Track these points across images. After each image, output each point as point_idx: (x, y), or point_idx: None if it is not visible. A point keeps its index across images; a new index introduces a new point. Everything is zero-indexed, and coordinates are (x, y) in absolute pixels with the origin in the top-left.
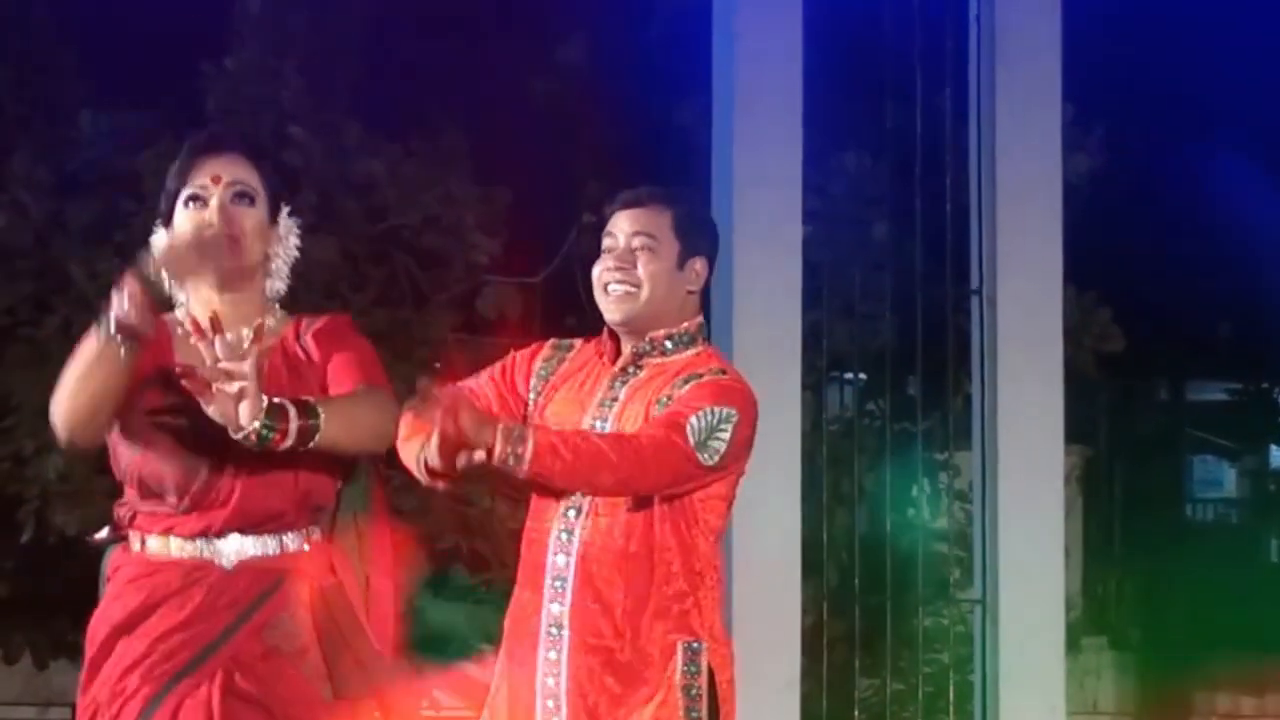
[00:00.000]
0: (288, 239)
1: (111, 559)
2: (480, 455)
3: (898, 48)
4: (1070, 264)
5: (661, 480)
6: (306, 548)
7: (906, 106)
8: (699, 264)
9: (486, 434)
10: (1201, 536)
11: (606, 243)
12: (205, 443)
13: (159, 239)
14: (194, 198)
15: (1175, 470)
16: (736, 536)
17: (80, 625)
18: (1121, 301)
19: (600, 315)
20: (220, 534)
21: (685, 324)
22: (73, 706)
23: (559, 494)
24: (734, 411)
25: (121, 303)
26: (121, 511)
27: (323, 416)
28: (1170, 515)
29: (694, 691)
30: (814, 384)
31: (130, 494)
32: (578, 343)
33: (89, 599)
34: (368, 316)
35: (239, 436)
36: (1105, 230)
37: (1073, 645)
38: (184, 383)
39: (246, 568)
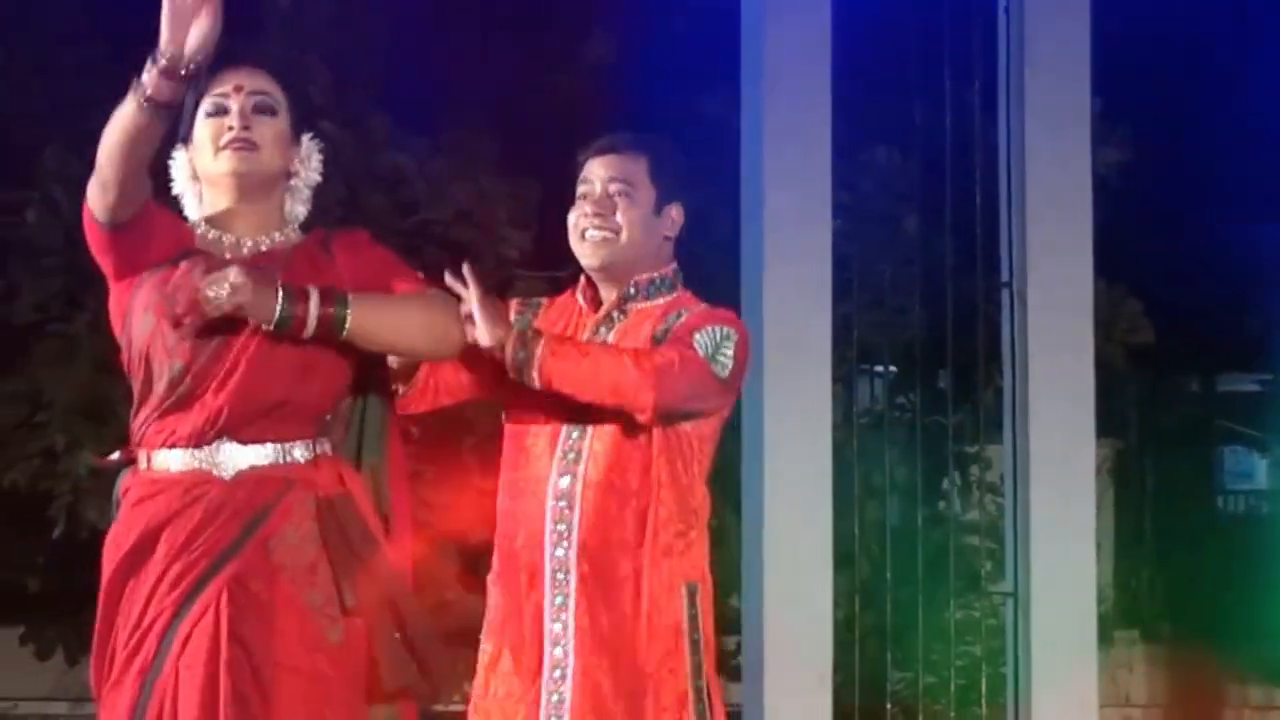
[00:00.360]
0: (309, 159)
1: (122, 481)
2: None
3: (926, 41)
4: (1100, 257)
5: (680, 391)
6: (311, 458)
7: (935, 100)
8: (675, 210)
9: (498, 333)
10: (1233, 528)
11: (582, 189)
12: (208, 328)
13: (179, 158)
14: (216, 108)
15: (1206, 462)
16: (768, 529)
17: None
18: (1151, 294)
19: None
20: (217, 436)
21: (664, 269)
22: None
23: (549, 436)
24: (732, 330)
25: (152, 81)
26: (134, 427)
27: (352, 307)
28: (1201, 507)
29: (695, 636)
30: (844, 377)
31: (137, 393)
32: (544, 300)
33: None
34: None
35: (258, 319)
36: (1135, 223)
37: (1104, 638)
38: (178, 296)
39: (247, 479)
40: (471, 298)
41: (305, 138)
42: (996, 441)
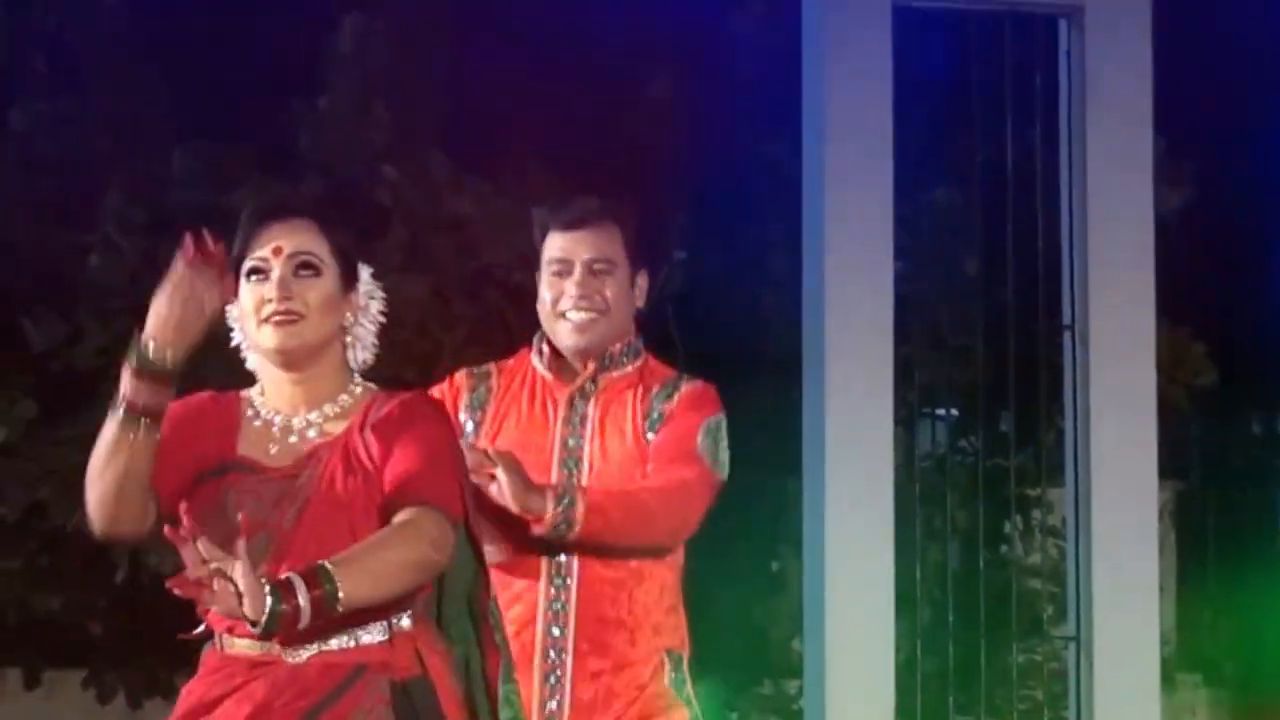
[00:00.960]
0: (369, 305)
1: (204, 657)
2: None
3: (988, 82)
4: (1163, 298)
5: (700, 515)
6: (387, 638)
7: (997, 141)
8: (642, 279)
9: (535, 501)
10: None
11: (556, 267)
12: (263, 533)
13: (234, 313)
14: (255, 270)
15: (1270, 504)
16: (829, 573)
17: (173, 664)
18: (1214, 336)
19: (690, 350)
20: None
21: (630, 337)
22: None
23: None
24: (721, 418)
25: (127, 382)
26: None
27: (338, 580)
28: (1265, 549)
29: (685, 696)
30: (906, 419)
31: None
32: (492, 367)
33: (179, 640)
34: (460, 355)
35: (254, 630)
36: (1198, 264)
37: (1167, 681)
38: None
39: (317, 662)
40: (500, 467)
41: (364, 277)
42: (1058, 484)
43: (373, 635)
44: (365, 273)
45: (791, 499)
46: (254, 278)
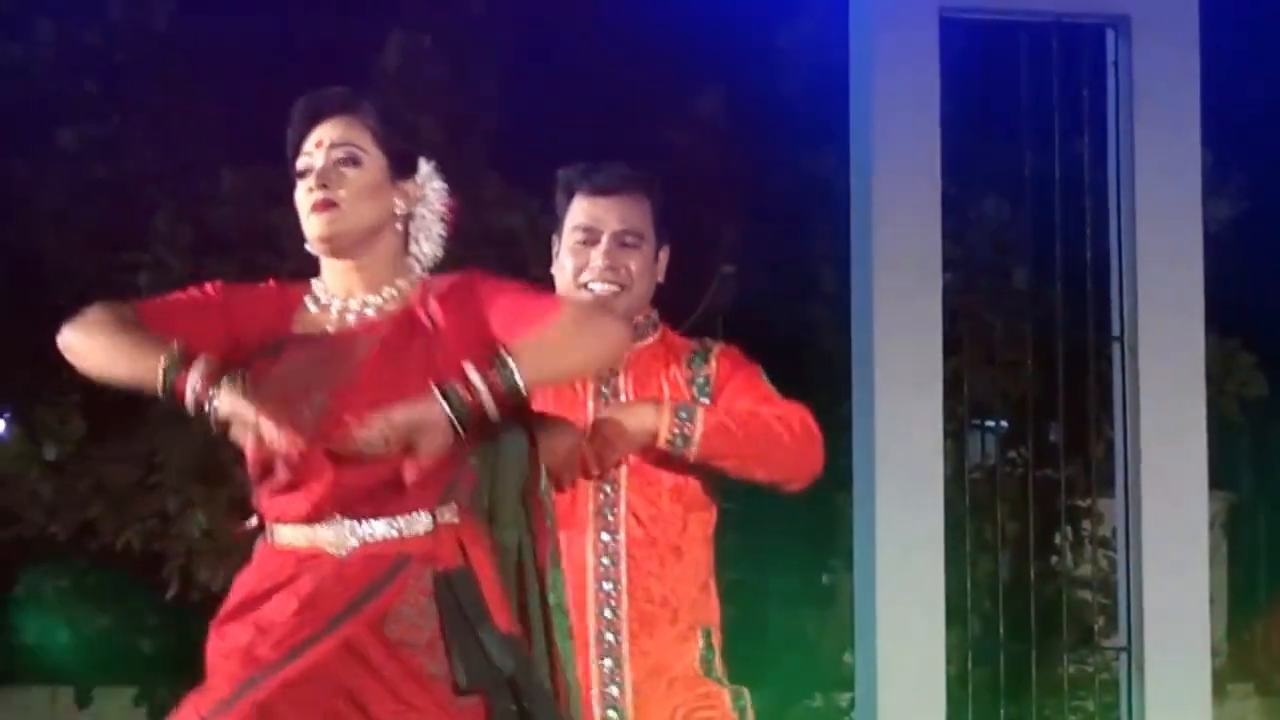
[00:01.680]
0: (429, 195)
1: (256, 550)
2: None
3: (1035, 94)
4: (1212, 310)
5: (822, 449)
6: (432, 528)
7: (1045, 153)
8: (664, 253)
9: (648, 416)
10: None
11: (582, 235)
12: (318, 394)
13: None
14: (303, 168)
15: None
16: (880, 586)
17: None
18: (1265, 347)
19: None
20: (329, 514)
21: (649, 309)
22: None
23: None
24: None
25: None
26: (256, 497)
27: (514, 363)
28: None
29: (715, 674)
30: (955, 431)
31: (252, 474)
32: None
33: None
34: None
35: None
36: (1247, 276)
37: (1219, 692)
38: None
39: (360, 554)
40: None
41: (423, 170)
42: (1108, 495)
43: (416, 527)
44: (427, 166)
45: (842, 512)
46: (301, 175)
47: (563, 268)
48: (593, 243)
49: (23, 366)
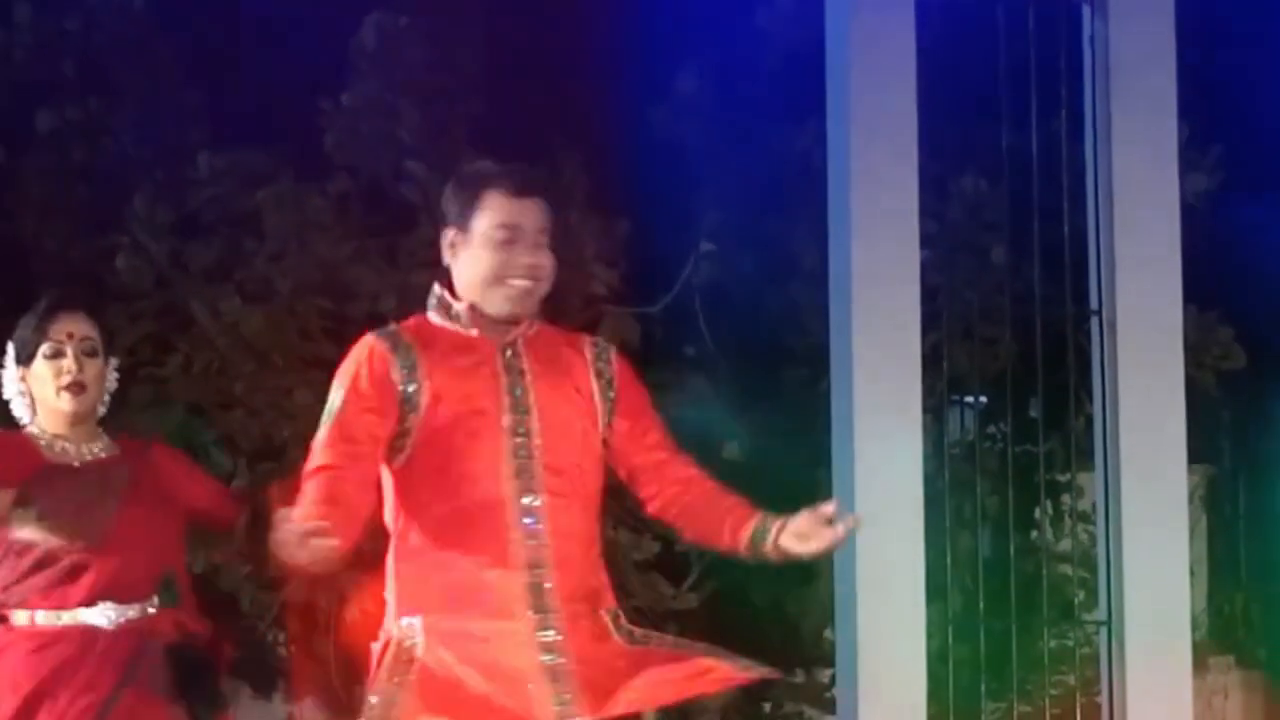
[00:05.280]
0: (110, 374)
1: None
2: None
3: (1012, 70)
4: (1190, 283)
5: None
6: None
7: (1022, 129)
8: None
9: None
10: None
11: (504, 234)
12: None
13: (11, 372)
14: (54, 351)
15: None
16: (860, 562)
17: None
18: (1242, 320)
19: (719, 342)
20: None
21: None
22: None
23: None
24: None
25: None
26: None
27: None
28: None
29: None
30: (934, 407)
31: (18, 574)
32: (396, 328)
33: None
34: None
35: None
36: (1224, 249)
37: (1199, 665)
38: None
39: (125, 630)
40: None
41: (109, 356)
42: (1088, 469)
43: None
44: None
45: (821, 488)
46: (52, 356)
47: (476, 260)
48: (514, 241)
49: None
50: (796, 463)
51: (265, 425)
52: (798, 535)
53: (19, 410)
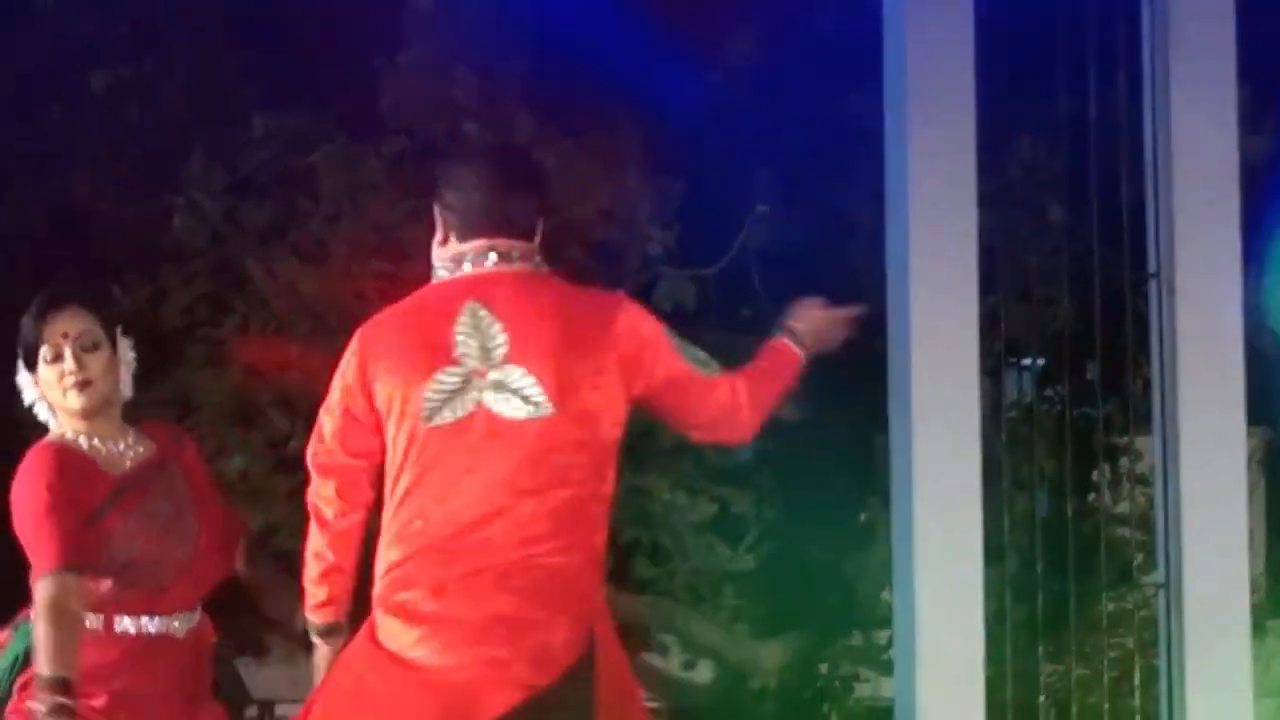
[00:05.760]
0: (126, 356)
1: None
2: None
3: (1070, 29)
4: (1249, 246)
5: None
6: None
7: (1080, 89)
8: None
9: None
10: None
11: None
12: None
13: (27, 379)
14: (54, 355)
15: None
16: (918, 524)
17: (263, 624)
18: None
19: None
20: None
21: None
22: (259, 704)
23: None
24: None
25: None
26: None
27: None
28: None
29: None
30: (992, 370)
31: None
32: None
33: (273, 597)
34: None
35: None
36: None
37: (1258, 627)
38: None
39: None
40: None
41: (120, 339)
42: (1146, 432)
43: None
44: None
45: (879, 451)
46: (53, 360)
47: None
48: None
49: None
50: (853, 425)
51: (321, 386)
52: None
53: (43, 414)
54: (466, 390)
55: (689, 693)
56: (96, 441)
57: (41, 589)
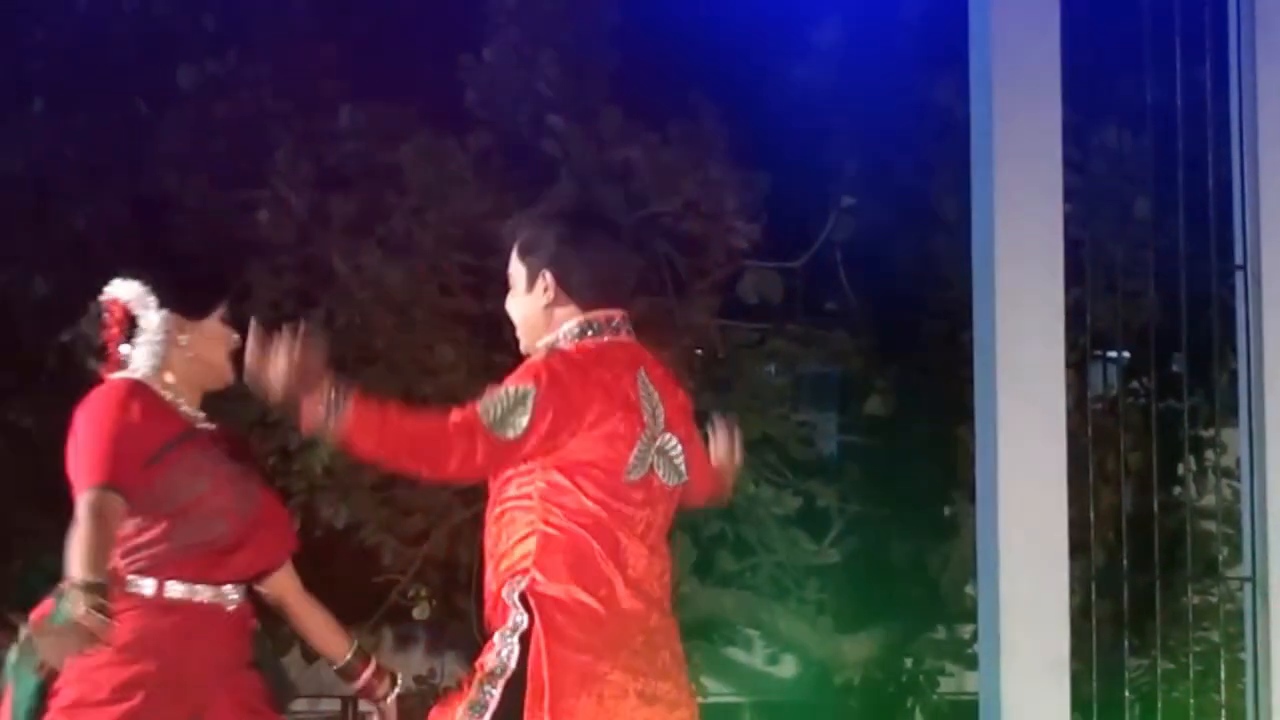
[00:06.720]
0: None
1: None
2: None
3: (1156, 20)
4: None
5: (452, 462)
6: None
7: (1166, 80)
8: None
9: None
10: None
11: None
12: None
13: (170, 321)
14: (231, 316)
15: None
16: (1002, 518)
17: (345, 618)
18: None
19: (860, 297)
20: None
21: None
22: (342, 699)
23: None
24: (526, 387)
25: None
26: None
27: None
28: None
29: None
30: (1077, 362)
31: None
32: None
33: (355, 593)
34: (628, 303)
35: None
36: None
37: None
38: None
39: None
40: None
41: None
42: (1232, 425)
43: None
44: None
45: (963, 444)
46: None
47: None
48: None
49: None
50: (937, 419)
51: (407, 381)
52: None
53: (142, 359)
54: (648, 453)
55: (773, 687)
56: (179, 399)
57: (85, 499)
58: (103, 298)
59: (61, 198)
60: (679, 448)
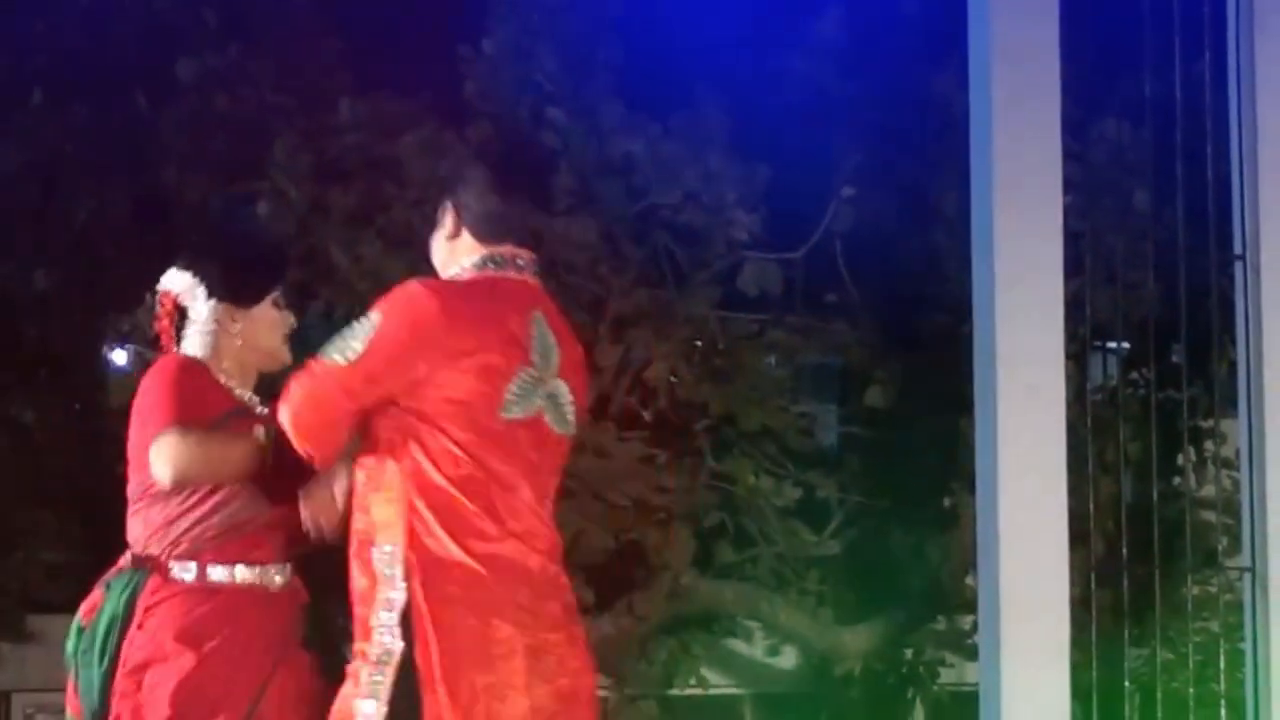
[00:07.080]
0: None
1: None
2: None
3: (1155, 13)
4: None
5: (306, 401)
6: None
7: (1165, 72)
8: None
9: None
10: None
11: None
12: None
13: (218, 308)
14: (285, 303)
15: None
16: (1002, 508)
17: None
18: None
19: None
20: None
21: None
22: None
23: None
24: (372, 316)
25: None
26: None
27: None
28: None
29: None
30: (1077, 353)
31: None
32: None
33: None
34: (628, 296)
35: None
36: None
37: None
38: None
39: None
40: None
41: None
42: (1231, 416)
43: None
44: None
45: (963, 435)
46: (282, 308)
47: None
48: None
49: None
50: (937, 410)
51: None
52: None
53: (194, 349)
54: (532, 393)
55: (773, 678)
56: (231, 382)
57: (165, 441)
58: (157, 289)
59: (62, 192)
60: (569, 397)
